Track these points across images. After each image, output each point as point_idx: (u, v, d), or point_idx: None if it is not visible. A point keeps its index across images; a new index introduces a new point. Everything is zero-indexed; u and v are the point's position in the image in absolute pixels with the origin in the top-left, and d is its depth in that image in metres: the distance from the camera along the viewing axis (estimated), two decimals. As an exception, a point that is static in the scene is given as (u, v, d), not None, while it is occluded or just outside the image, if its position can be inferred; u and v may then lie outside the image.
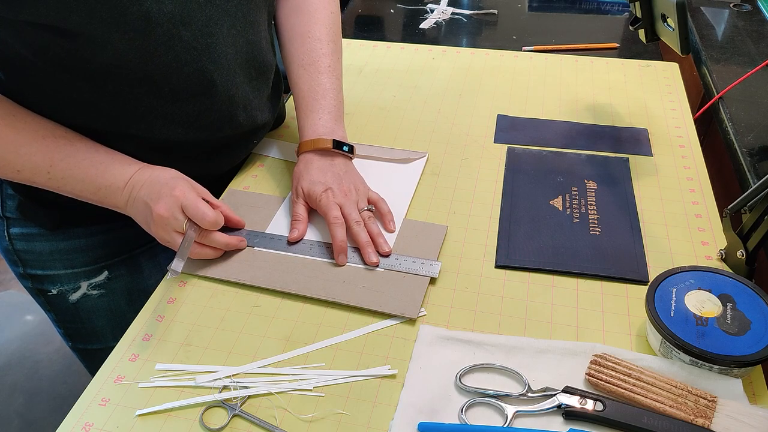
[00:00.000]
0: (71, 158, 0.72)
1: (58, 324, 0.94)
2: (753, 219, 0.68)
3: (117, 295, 0.91)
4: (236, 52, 0.78)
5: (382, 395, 0.62)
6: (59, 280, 0.88)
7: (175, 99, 0.75)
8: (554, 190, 0.85)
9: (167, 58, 0.71)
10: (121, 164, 0.74)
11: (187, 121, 0.77)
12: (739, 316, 0.62)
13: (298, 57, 0.87)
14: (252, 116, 0.85)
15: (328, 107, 0.85)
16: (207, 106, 0.77)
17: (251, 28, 0.79)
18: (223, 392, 0.61)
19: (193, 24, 0.71)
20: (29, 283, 0.89)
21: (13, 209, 0.83)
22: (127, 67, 0.70)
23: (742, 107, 0.96)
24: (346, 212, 0.77)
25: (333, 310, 0.70)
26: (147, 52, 0.69)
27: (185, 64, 0.72)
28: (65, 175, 0.72)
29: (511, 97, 1.06)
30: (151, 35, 0.68)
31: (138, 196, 0.72)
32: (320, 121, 0.84)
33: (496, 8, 1.38)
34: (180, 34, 0.70)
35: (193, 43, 0.72)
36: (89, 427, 0.59)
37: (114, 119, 0.74)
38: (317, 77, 0.86)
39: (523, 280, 0.73)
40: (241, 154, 0.90)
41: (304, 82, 0.86)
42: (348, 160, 0.85)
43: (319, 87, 0.86)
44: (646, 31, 0.86)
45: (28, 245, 0.85)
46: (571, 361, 0.63)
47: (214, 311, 0.70)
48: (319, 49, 0.87)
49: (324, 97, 0.86)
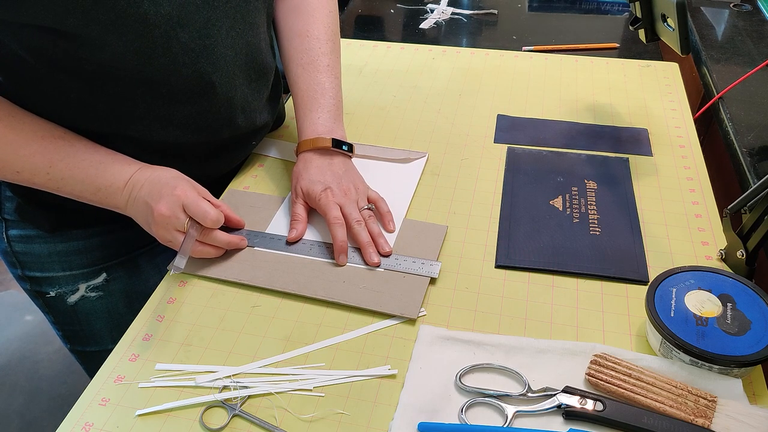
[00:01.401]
0: (70, 158, 0.72)
1: (57, 326, 0.94)
2: (753, 219, 0.68)
3: (115, 297, 0.91)
4: (235, 54, 0.77)
5: (382, 395, 0.62)
6: (57, 282, 0.87)
7: (173, 101, 0.75)
8: (554, 190, 0.85)
9: (165, 60, 0.71)
10: (120, 164, 0.74)
11: (185, 123, 0.77)
12: (739, 316, 0.62)
13: (297, 56, 0.87)
14: (251, 118, 0.84)
15: (327, 106, 0.85)
16: (205, 107, 0.77)
17: (250, 30, 0.79)
18: (223, 392, 0.61)
19: (190, 26, 0.71)
20: (28, 285, 0.89)
21: (11, 211, 0.83)
22: (124, 69, 0.70)
23: (742, 107, 0.96)
24: (346, 212, 0.77)
25: (333, 310, 0.70)
26: (145, 53, 0.69)
27: (183, 65, 0.72)
28: (65, 175, 0.72)
29: (511, 97, 1.06)
30: (148, 37, 0.68)
31: (138, 196, 0.72)
32: (319, 120, 0.84)
33: (496, 8, 1.38)
34: (178, 36, 0.70)
35: (191, 45, 0.72)
36: (89, 427, 0.60)
37: (112, 121, 0.74)
38: (316, 76, 0.86)
39: (523, 280, 0.73)
40: (240, 155, 0.90)
41: (302, 81, 0.86)
42: (347, 159, 0.85)
43: (317, 86, 0.86)
44: (646, 31, 0.86)
45: (27, 247, 0.85)
46: (571, 361, 0.63)
47: (214, 311, 0.70)
48: (317, 48, 0.87)
49: (323, 96, 0.85)
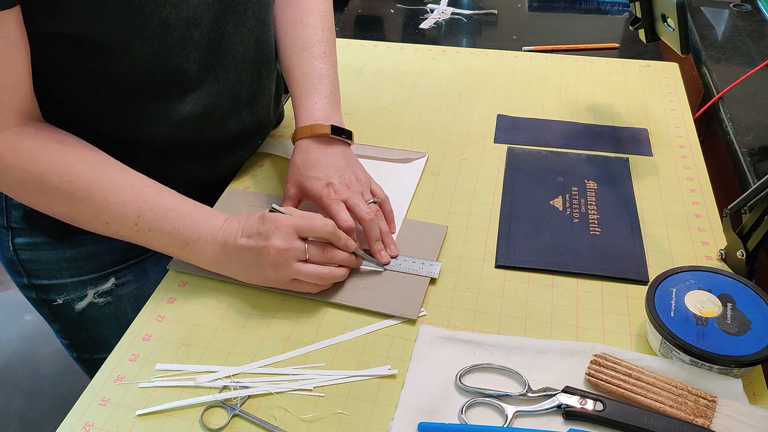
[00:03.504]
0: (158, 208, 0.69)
1: (63, 335, 0.92)
2: (753, 219, 0.68)
3: (123, 302, 0.89)
4: (245, 50, 0.77)
5: (382, 395, 0.62)
6: (65, 289, 0.86)
7: (181, 99, 0.74)
8: (554, 190, 0.85)
9: (179, 60, 0.70)
10: (207, 216, 0.71)
11: (193, 121, 0.77)
12: (739, 316, 0.62)
13: (292, 43, 0.85)
14: (257, 114, 0.84)
15: (324, 92, 0.82)
16: (213, 104, 0.77)
17: (261, 27, 0.79)
18: (223, 392, 0.61)
19: (202, 23, 0.71)
20: (33, 293, 0.87)
21: (18, 219, 0.81)
22: (136, 72, 0.69)
23: (742, 107, 0.96)
24: (352, 204, 0.74)
25: (333, 310, 0.70)
26: (161, 55, 0.69)
27: (193, 62, 0.72)
28: (152, 227, 0.69)
29: (511, 97, 1.06)
30: (167, 39, 0.68)
31: (238, 246, 0.68)
32: (317, 106, 0.81)
33: (496, 8, 1.38)
34: (192, 35, 0.70)
35: (202, 43, 0.72)
36: (89, 427, 0.60)
37: (120, 123, 0.74)
38: (312, 62, 0.83)
39: (523, 280, 0.73)
40: (246, 153, 0.90)
41: (298, 67, 0.84)
42: (347, 147, 0.81)
43: (314, 72, 0.83)
44: (646, 31, 0.86)
45: (34, 255, 0.83)
46: (571, 361, 0.63)
47: (214, 311, 0.70)
48: (313, 35, 0.85)
49: (320, 81, 0.83)
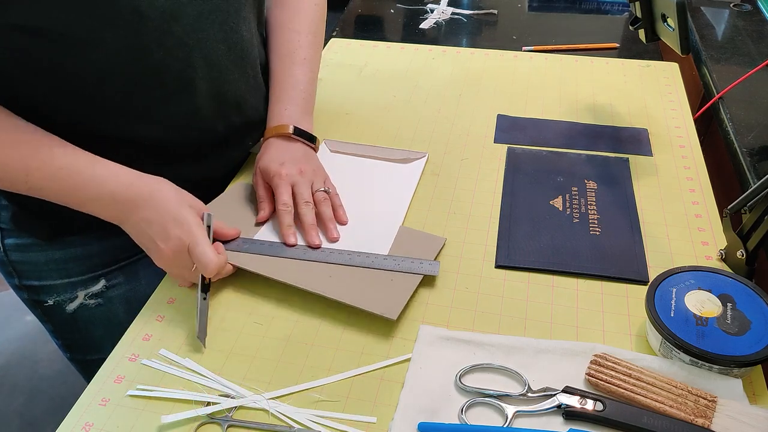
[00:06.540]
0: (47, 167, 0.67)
1: (56, 335, 0.92)
2: (753, 219, 0.68)
3: (114, 304, 0.89)
4: (228, 48, 0.77)
5: (382, 395, 0.62)
6: (55, 291, 0.85)
7: (165, 99, 0.74)
8: (554, 190, 0.85)
9: (159, 55, 0.70)
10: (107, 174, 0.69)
11: (179, 121, 0.76)
12: (739, 316, 0.62)
13: (276, 47, 0.88)
14: (245, 115, 0.84)
15: (296, 99, 0.86)
16: (198, 104, 0.77)
17: (243, 24, 0.79)
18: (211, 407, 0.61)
19: (182, 19, 0.70)
20: (25, 294, 0.87)
21: (6, 220, 0.81)
22: (114, 71, 0.68)
23: (742, 107, 0.96)
24: (296, 191, 0.77)
25: (333, 310, 0.70)
26: (139, 50, 0.68)
27: (176, 60, 0.71)
28: (43, 186, 0.68)
29: (511, 97, 1.06)
30: (142, 32, 0.67)
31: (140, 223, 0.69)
32: (286, 112, 0.85)
33: (496, 8, 1.38)
34: (171, 30, 0.69)
35: (184, 39, 0.71)
36: (89, 427, 0.60)
37: (103, 123, 0.73)
38: (291, 68, 0.87)
39: (523, 280, 0.73)
40: (237, 154, 0.89)
41: (277, 72, 0.87)
42: (309, 148, 0.85)
43: (290, 78, 0.86)
44: (646, 31, 0.86)
45: (24, 256, 0.83)
46: (571, 361, 0.63)
47: (213, 311, 0.70)
48: (296, 40, 0.88)
49: (294, 88, 0.86)
